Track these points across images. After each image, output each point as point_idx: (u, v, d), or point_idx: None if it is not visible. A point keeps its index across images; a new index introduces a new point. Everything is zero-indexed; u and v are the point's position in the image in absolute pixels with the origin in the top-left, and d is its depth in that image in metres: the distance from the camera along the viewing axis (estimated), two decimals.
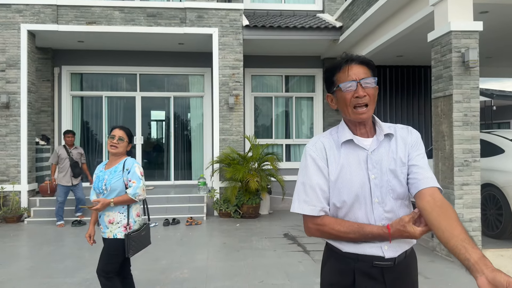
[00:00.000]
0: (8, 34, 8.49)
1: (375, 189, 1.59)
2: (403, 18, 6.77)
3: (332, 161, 1.64)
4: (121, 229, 3.24)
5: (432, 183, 1.54)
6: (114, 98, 10.48)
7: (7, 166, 8.44)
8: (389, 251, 1.60)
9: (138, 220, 3.39)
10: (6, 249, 6.06)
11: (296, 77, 10.89)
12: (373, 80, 1.60)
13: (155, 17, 8.80)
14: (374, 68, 1.64)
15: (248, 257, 5.49)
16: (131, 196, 3.24)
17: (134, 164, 3.33)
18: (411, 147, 1.64)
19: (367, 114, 1.61)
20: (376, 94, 1.64)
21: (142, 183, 3.31)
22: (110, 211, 3.26)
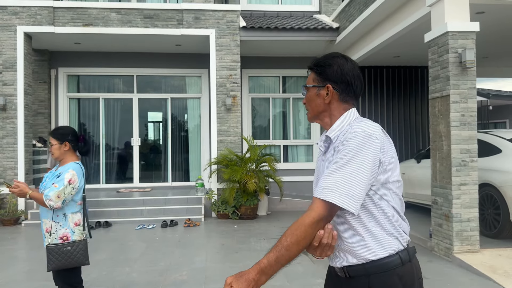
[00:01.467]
0: (4, 36, 8.46)
1: None
2: (400, 19, 6.79)
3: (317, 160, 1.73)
4: (57, 240, 3.02)
5: (315, 192, 1.45)
6: (111, 99, 10.46)
7: (4, 169, 8.40)
8: (334, 260, 1.56)
9: (79, 230, 3.10)
10: (3, 252, 6.03)
11: (293, 77, 10.91)
12: (303, 88, 1.69)
13: (152, 19, 8.79)
14: (317, 69, 1.63)
15: (246, 259, 5.48)
16: (44, 196, 2.95)
17: (70, 170, 3.04)
18: (336, 149, 1.51)
19: (308, 117, 1.72)
20: (310, 97, 1.65)
21: (63, 190, 2.95)
22: (46, 218, 3.07)
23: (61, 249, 2.99)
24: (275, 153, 10.21)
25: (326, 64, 1.62)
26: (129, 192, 9.47)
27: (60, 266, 2.99)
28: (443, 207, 5.43)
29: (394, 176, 1.53)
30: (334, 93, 1.60)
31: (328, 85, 1.60)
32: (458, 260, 5.09)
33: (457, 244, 5.22)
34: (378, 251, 1.47)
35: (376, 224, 1.49)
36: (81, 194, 3.15)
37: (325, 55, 1.67)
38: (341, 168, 1.42)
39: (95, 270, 4.98)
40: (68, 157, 3.16)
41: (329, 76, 1.60)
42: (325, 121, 1.65)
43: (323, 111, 1.63)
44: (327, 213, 1.40)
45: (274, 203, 9.33)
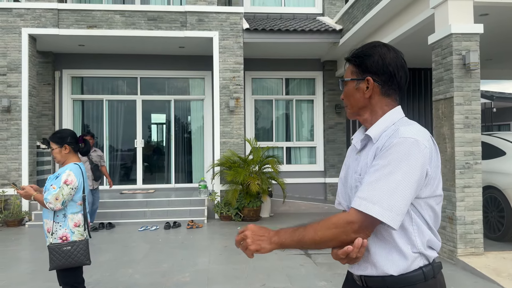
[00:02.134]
0: (9, 38, 8.51)
1: None
2: (404, 21, 6.79)
3: (347, 159, 1.64)
4: (57, 240, 3.06)
5: (353, 202, 1.35)
6: (115, 101, 10.50)
7: (8, 170, 8.44)
8: (353, 267, 1.49)
9: (78, 230, 3.12)
10: (7, 253, 6.06)
11: (296, 79, 10.91)
12: (340, 82, 1.58)
13: (156, 21, 8.83)
14: (356, 60, 1.51)
15: (249, 260, 5.48)
16: (43, 200, 3.01)
17: (66, 171, 3.07)
18: (378, 153, 1.39)
19: (347, 113, 1.60)
20: (349, 91, 1.53)
21: (60, 191, 2.99)
22: (47, 218, 3.11)
23: (62, 248, 3.02)
24: (278, 155, 10.22)
25: (366, 55, 1.48)
26: (132, 194, 9.49)
27: (61, 265, 3.02)
28: (446, 209, 5.42)
29: (438, 190, 1.41)
30: (375, 86, 1.46)
31: (368, 78, 1.47)
32: (462, 263, 5.07)
33: (461, 246, 5.21)
34: (401, 267, 1.37)
35: (407, 240, 1.38)
36: (80, 194, 3.16)
37: (364, 45, 1.53)
38: (384, 178, 1.30)
39: (98, 271, 4.99)
40: (69, 159, 3.20)
41: (369, 68, 1.47)
42: (365, 117, 1.52)
43: (364, 106, 1.50)
44: (363, 226, 1.31)
45: (277, 205, 9.32)
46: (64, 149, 3.16)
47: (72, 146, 3.20)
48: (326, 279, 4.67)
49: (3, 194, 8.18)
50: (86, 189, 3.24)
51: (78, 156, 3.28)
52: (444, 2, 5.40)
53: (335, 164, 10.44)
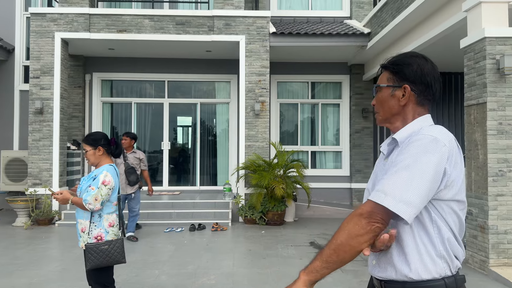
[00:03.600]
0: (43, 42, 8.79)
1: None
2: (434, 24, 6.64)
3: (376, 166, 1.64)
4: (92, 239, 3.13)
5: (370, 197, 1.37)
6: (143, 104, 10.69)
7: (40, 170, 8.70)
8: (375, 268, 1.50)
9: (112, 230, 3.20)
10: (38, 251, 6.23)
11: (322, 83, 10.84)
12: (374, 87, 1.59)
13: (184, 25, 8.94)
14: (394, 68, 1.53)
15: (274, 265, 5.46)
16: (83, 201, 3.08)
17: (103, 172, 3.15)
18: (397, 155, 1.42)
19: (377, 119, 1.61)
20: (383, 97, 1.54)
21: (99, 192, 3.07)
22: (82, 219, 3.18)
23: (99, 247, 3.08)
24: (303, 159, 10.15)
25: (404, 63, 1.51)
26: (158, 195, 9.62)
27: (99, 264, 3.08)
28: (478, 218, 5.25)
29: (460, 195, 1.39)
30: (411, 94, 1.49)
31: (405, 86, 1.49)
32: (494, 274, 4.90)
33: (493, 257, 5.03)
34: (421, 271, 1.36)
35: (428, 241, 1.37)
36: (116, 195, 3.24)
37: (401, 54, 1.56)
38: (400, 171, 1.32)
39: (125, 272, 5.07)
40: (103, 161, 3.27)
41: (407, 76, 1.49)
42: (396, 125, 1.53)
43: (396, 113, 1.52)
44: (372, 214, 1.31)
45: (302, 209, 9.26)
46: (97, 151, 3.24)
47: (105, 148, 3.27)
48: (352, 286, 4.60)
49: (34, 193, 8.43)
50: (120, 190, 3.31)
51: (111, 158, 3.35)
52: (477, 5, 5.26)
53: (361, 169, 10.30)
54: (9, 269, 5.20)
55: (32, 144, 8.72)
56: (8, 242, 6.82)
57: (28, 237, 7.23)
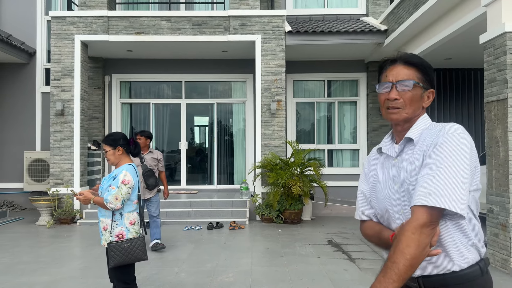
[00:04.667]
0: (63, 45, 8.99)
1: (399, 199, 1.50)
2: (453, 20, 6.55)
3: (372, 169, 1.66)
4: (114, 237, 3.20)
5: (415, 201, 1.36)
6: (161, 105, 10.83)
7: (61, 170, 8.90)
8: None
9: (133, 228, 3.26)
10: (60, 249, 6.39)
11: (339, 81, 10.79)
12: (411, 83, 1.49)
13: (200, 26, 9.02)
14: (424, 69, 1.53)
15: (292, 263, 5.48)
16: (104, 201, 3.15)
17: (123, 171, 3.21)
18: (427, 153, 1.42)
19: (398, 115, 1.52)
20: (416, 96, 1.51)
21: (119, 191, 3.13)
22: (103, 217, 3.25)
23: (121, 245, 3.15)
24: (320, 157, 10.13)
25: (430, 67, 1.54)
26: (177, 194, 9.74)
27: (122, 262, 3.14)
28: (499, 216, 5.17)
29: (478, 182, 1.44)
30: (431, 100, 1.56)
31: (432, 90, 1.54)
32: None
33: None
34: (461, 261, 1.41)
35: (461, 233, 1.42)
36: (136, 193, 3.31)
37: (414, 55, 1.57)
38: (444, 172, 1.34)
39: (146, 269, 5.17)
40: (122, 160, 3.34)
41: (433, 80, 1.55)
42: (408, 125, 1.54)
43: (417, 115, 1.54)
44: (432, 220, 1.33)
45: (319, 208, 9.25)
46: (117, 151, 3.32)
47: (125, 148, 3.35)
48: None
49: (57, 193, 8.63)
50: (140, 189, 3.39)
51: (130, 157, 3.42)
52: (497, 0, 5.17)
53: None
54: (33, 267, 5.35)
55: (54, 144, 8.93)
56: (32, 240, 7.00)
57: (51, 235, 7.41)
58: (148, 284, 4.64)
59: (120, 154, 3.33)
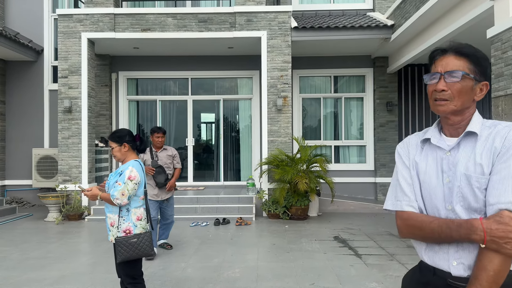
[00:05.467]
0: (70, 43, 9.05)
1: (448, 194, 1.44)
2: (460, 15, 6.50)
3: (411, 158, 1.58)
4: (121, 233, 3.23)
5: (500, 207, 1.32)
6: (167, 101, 10.87)
7: (69, 167, 8.98)
8: (457, 268, 1.42)
9: (140, 224, 3.30)
10: (69, 245, 6.46)
11: (345, 77, 10.75)
12: (460, 74, 1.43)
13: (206, 23, 9.03)
14: (476, 60, 1.46)
15: (298, 259, 5.49)
16: (110, 197, 3.19)
17: (129, 167, 3.23)
18: (499, 154, 1.37)
19: (445, 107, 1.46)
20: (466, 88, 1.45)
21: (125, 187, 3.15)
22: (111, 213, 3.28)
23: (129, 241, 3.19)
24: (326, 153, 10.12)
25: (485, 57, 1.48)
26: (183, 190, 9.79)
27: (129, 257, 3.18)
28: None
29: None
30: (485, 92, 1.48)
31: (486, 83, 1.47)
32: None
33: None
34: None
35: None
36: (142, 189, 3.33)
37: (473, 46, 1.49)
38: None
39: (153, 265, 5.21)
40: (129, 157, 3.37)
41: (487, 72, 1.48)
42: (458, 118, 1.50)
43: (467, 108, 1.49)
44: None
45: (325, 204, 9.24)
46: (123, 147, 3.34)
47: (130, 144, 3.37)
48: (377, 281, 4.58)
49: (65, 189, 8.72)
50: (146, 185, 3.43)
51: (136, 153, 3.45)
52: None
53: (386, 163, 10.19)
54: (42, 263, 5.42)
55: (62, 142, 9.01)
56: (41, 236, 7.09)
57: (59, 232, 7.49)
58: (155, 279, 4.68)
59: (126, 151, 3.36)
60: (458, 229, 1.36)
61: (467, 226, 1.34)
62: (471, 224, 1.33)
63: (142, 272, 3.40)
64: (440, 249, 1.45)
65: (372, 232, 7.15)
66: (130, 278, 3.29)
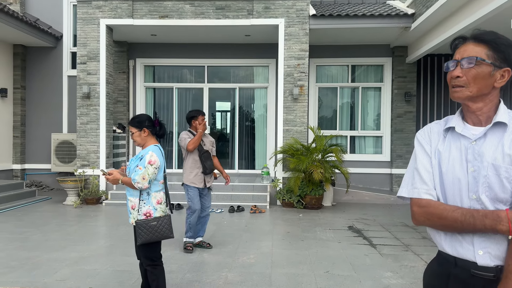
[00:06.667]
0: (89, 29, 9.13)
1: (472, 184, 1.43)
2: (484, 3, 6.33)
3: (434, 147, 1.56)
4: (141, 216, 3.29)
5: None
6: (184, 89, 10.92)
7: (87, 152, 9.13)
8: (484, 257, 1.40)
9: (160, 207, 3.35)
10: (88, 228, 6.60)
11: (363, 66, 10.63)
12: (473, 59, 1.43)
13: (224, 10, 9.00)
14: (496, 46, 1.44)
15: (312, 247, 5.52)
16: (131, 181, 3.25)
17: (149, 152, 3.28)
18: None
19: (460, 93, 1.47)
20: (482, 74, 1.44)
21: (146, 171, 3.20)
22: (131, 197, 3.35)
23: (149, 223, 3.25)
24: (342, 143, 10.07)
25: (508, 44, 1.44)
26: None
27: (149, 239, 3.25)
28: None
29: None
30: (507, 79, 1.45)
31: (508, 69, 1.44)
32: None
33: None
34: None
35: None
36: (162, 174, 3.39)
37: (496, 32, 1.48)
38: None
39: (170, 249, 5.29)
40: (148, 141, 3.42)
41: (509, 59, 1.44)
42: (478, 105, 1.49)
43: (486, 94, 1.47)
44: None
45: (340, 194, 9.23)
46: (143, 132, 3.39)
47: (150, 129, 3.42)
48: (392, 270, 4.58)
49: (83, 174, 8.88)
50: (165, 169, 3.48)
51: (156, 138, 3.50)
52: None
53: (402, 154, 10.10)
54: (62, 244, 5.55)
55: (80, 127, 9.15)
56: (60, 219, 7.25)
57: (78, 215, 7.66)
58: (172, 263, 4.76)
59: (146, 136, 3.41)
60: (483, 219, 1.35)
61: (493, 217, 1.33)
62: (497, 215, 1.33)
63: (161, 254, 3.46)
64: (464, 238, 1.43)
65: (387, 223, 7.13)
66: (149, 260, 3.36)
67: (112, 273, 4.43)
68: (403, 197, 1.59)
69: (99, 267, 4.61)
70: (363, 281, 4.24)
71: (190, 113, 5.51)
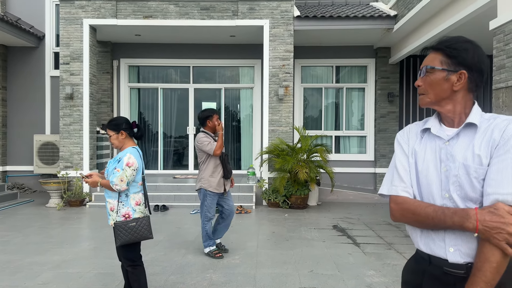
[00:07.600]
0: (72, 29, 9.02)
1: (445, 183, 1.48)
2: (463, 6, 6.47)
3: (411, 147, 1.62)
4: (120, 217, 3.30)
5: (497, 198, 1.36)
6: (169, 89, 10.87)
7: (71, 153, 9.02)
8: (454, 255, 1.45)
9: (139, 209, 3.36)
10: (71, 231, 6.53)
11: (347, 67, 10.73)
12: (424, 68, 1.55)
13: (208, 10, 8.99)
14: (449, 51, 1.51)
15: (297, 247, 5.56)
16: (110, 183, 3.25)
17: (127, 154, 3.29)
18: (497, 145, 1.40)
19: (422, 100, 1.59)
20: (436, 80, 1.52)
21: (124, 173, 3.21)
22: (110, 199, 3.35)
23: (127, 225, 3.27)
24: (327, 143, 10.15)
25: (462, 48, 1.50)
26: (184, 178, 9.84)
27: (128, 240, 3.26)
28: None
29: None
30: (466, 81, 1.49)
31: (463, 72, 1.49)
32: None
33: None
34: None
35: None
36: (140, 175, 3.39)
37: (453, 37, 1.55)
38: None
39: (154, 251, 5.28)
40: (126, 144, 3.44)
41: (464, 62, 1.49)
42: (447, 108, 1.55)
43: (447, 98, 1.53)
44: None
45: (325, 193, 9.31)
46: (120, 135, 3.40)
47: (128, 132, 3.42)
48: (375, 269, 4.65)
49: (66, 176, 8.77)
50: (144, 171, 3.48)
51: (134, 141, 3.50)
52: None
53: (386, 154, 10.23)
54: (45, 247, 5.49)
55: (63, 128, 9.03)
56: (43, 222, 7.15)
57: (61, 217, 7.56)
58: (156, 265, 4.75)
59: (123, 138, 3.41)
60: (452, 216, 1.39)
61: (461, 214, 1.38)
62: (466, 213, 1.37)
63: (140, 255, 3.47)
64: (436, 236, 1.48)
65: (370, 222, 7.22)
66: (129, 260, 3.37)
67: (95, 276, 4.40)
68: (384, 194, 1.64)
69: (82, 270, 4.57)
70: (347, 280, 4.30)
71: (204, 112, 5.09)
